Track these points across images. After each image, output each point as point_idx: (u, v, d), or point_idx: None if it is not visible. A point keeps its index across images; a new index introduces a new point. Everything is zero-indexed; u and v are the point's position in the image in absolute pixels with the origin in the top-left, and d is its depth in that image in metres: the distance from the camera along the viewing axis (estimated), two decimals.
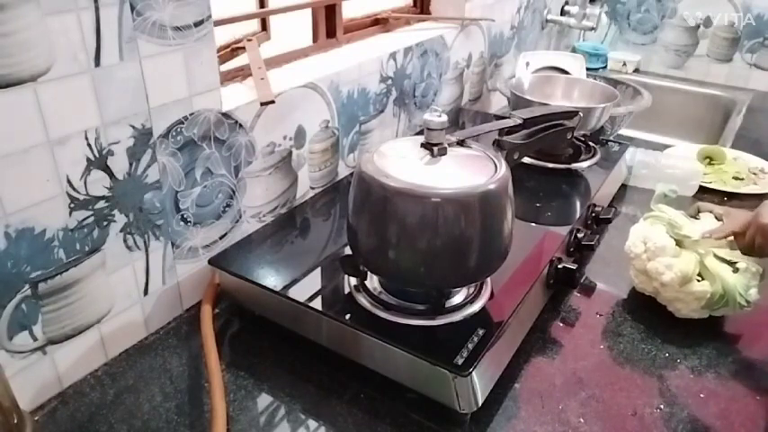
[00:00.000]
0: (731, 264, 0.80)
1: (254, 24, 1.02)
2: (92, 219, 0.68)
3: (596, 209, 1.02)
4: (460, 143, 0.72)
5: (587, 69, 1.65)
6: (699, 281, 0.79)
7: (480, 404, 0.67)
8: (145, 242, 0.76)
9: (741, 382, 0.74)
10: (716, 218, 0.86)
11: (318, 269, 0.83)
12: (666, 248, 0.81)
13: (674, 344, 0.80)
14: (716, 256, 0.81)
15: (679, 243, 0.82)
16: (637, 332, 0.82)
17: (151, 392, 0.72)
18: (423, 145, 0.70)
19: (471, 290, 0.76)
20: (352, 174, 0.86)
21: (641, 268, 0.85)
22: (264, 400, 0.71)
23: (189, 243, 0.82)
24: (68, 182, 0.64)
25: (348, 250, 0.78)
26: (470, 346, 0.66)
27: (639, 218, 0.90)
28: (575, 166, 1.12)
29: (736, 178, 1.25)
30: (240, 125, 0.84)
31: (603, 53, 2.06)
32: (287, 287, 0.77)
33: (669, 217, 0.85)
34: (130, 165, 0.70)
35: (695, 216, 0.89)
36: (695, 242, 0.82)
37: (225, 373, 0.73)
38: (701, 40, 1.98)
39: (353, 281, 0.76)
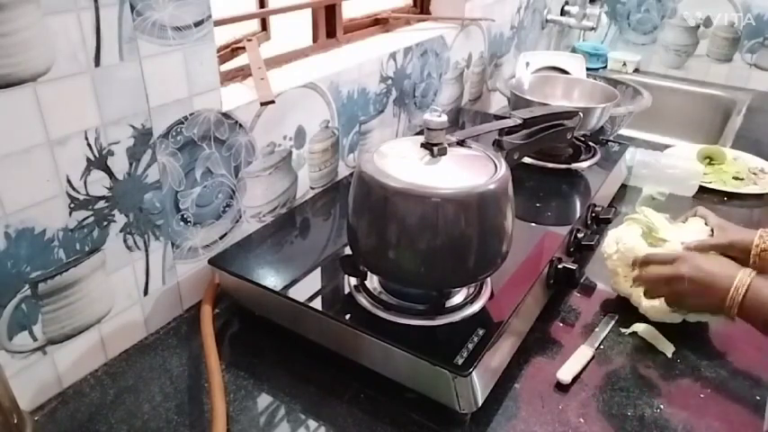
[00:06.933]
0: None
1: (254, 24, 1.02)
2: (92, 219, 0.68)
3: (596, 209, 1.02)
4: (460, 143, 0.72)
5: (587, 69, 1.65)
6: None
7: (480, 404, 0.67)
8: (145, 242, 0.76)
9: (741, 382, 0.74)
10: (705, 224, 0.85)
11: (318, 269, 0.83)
12: (635, 248, 0.82)
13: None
14: None
15: (654, 247, 0.82)
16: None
17: (151, 392, 0.72)
18: (423, 145, 0.70)
19: (471, 290, 0.76)
20: (352, 174, 0.86)
21: (612, 269, 0.86)
22: (264, 400, 0.71)
23: (189, 243, 0.82)
24: (68, 182, 0.64)
25: (348, 250, 0.78)
26: (470, 346, 0.66)
27: None
28: (575, 166, 1.12)
29: (736, 178, 1.25)
30: (240, 125, 0.84)
31: (603, 53, 2.06)
32: (287, 287, 0.77)
33: (647, 220, 0.85)
34: (130, 165, 0.70)
35: (685, 220, 0.88)
36: (669, 245, 0.81)
37: (225, 373, 0.73)
38: (700, 40, 1.98)
39: (353, 281, 0.76)
